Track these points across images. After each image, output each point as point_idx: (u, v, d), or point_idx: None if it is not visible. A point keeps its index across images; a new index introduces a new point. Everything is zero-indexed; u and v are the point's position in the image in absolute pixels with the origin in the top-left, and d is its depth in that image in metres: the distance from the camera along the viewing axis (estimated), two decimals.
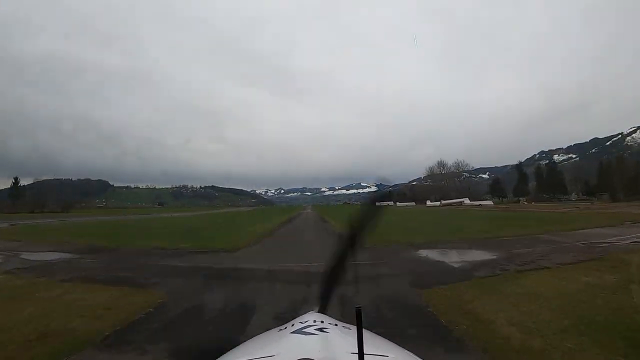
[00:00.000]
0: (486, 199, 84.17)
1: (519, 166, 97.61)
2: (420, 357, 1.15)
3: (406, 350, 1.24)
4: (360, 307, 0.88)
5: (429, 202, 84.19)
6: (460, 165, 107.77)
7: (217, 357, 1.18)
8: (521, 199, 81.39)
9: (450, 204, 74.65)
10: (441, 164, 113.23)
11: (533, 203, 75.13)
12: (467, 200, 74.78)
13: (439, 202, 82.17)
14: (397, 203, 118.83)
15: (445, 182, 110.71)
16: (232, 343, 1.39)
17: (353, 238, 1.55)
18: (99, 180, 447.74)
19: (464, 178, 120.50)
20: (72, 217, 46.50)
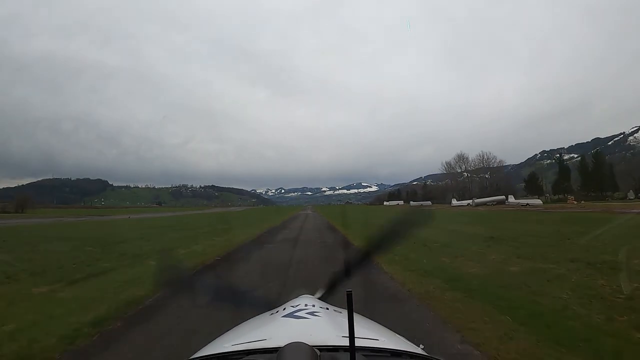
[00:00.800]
0: (520, 197, 68.99)
1: (560, 159, 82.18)
2: (411, 342, 1.16)
3: (397, 334, 1.25)
4: (350, 290, 0.88)
5: (454, 202, 69.11)
6: (487, 158, 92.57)
7: (209, 342, 1.17)
8: (569, 197, 66.26)
9: (485, 203, 59.97)
10: (461, 158, 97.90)
11: (583, 202, 60.73)
12: (512, 199, 59.83)
13: (468, 201, 67.34)
14: (411, 202, 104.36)
15: (468, 177, 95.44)
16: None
17: (382, 242, 1.63)
18: (98, 179, 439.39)
19: (464, 178, 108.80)
20: None
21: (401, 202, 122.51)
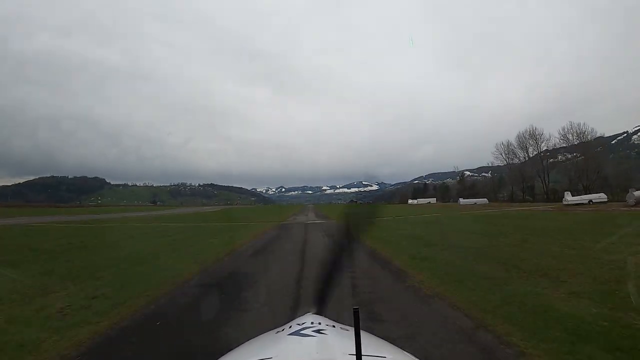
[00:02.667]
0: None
1: None
2: (419, 359, 1.14)
3: (404, 352, 1.22)
4: (357, 308, 0.89)
5: (568, 197, 39.38)
6: (580, 131, 61.38)
7: None
8: None
9: None
10: (532, 135, 66.35)
11: None
12: None
13: (589, 198, 38.02)
14: (461, 200, 74.05)
15: (543, 162, 65.02)
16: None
17: (348, 237, 1.63)
18: (96, 177, 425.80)
19: (465, 177, 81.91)
20: None
21: (433, 200, 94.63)
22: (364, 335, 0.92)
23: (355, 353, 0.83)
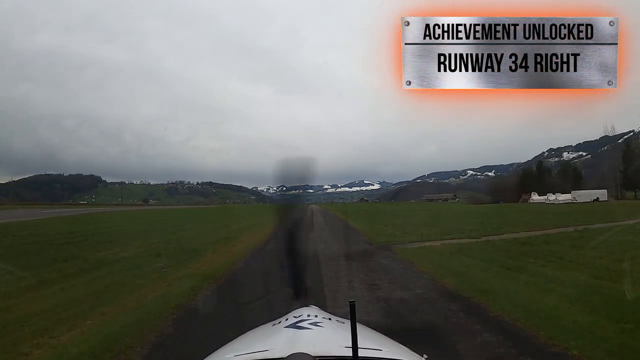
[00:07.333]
0: None
1: None
2: (414, 351, 1.16)
3: (400, 345, 1.25)
4: (354, 301, 0.90)
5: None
6: None
7: (211, 352, 1.17)
8: None
9: None
10: None
11: None
12: None
13: None
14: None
15: None
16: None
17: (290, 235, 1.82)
18: (91, 175, 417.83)
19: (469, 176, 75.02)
20: None
21: (602, 194, 53.72)
22: (360, 328, 0.94)
23: (351, 346, 0.84)
